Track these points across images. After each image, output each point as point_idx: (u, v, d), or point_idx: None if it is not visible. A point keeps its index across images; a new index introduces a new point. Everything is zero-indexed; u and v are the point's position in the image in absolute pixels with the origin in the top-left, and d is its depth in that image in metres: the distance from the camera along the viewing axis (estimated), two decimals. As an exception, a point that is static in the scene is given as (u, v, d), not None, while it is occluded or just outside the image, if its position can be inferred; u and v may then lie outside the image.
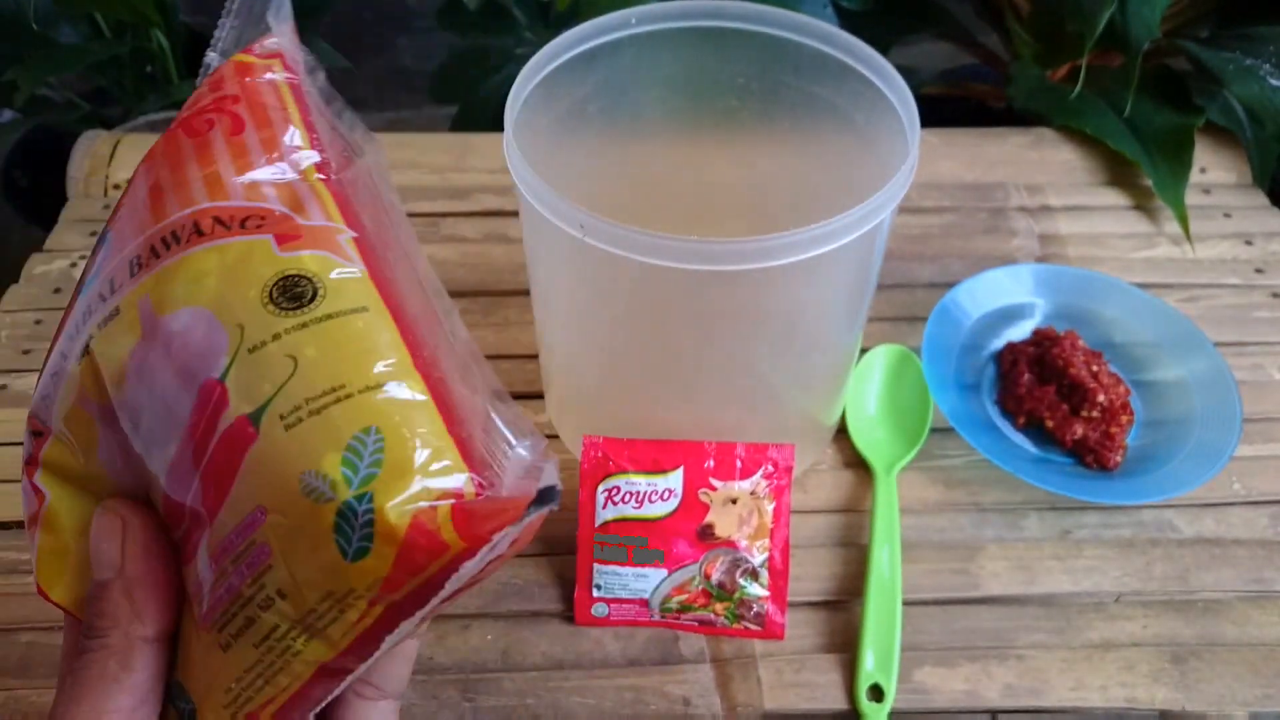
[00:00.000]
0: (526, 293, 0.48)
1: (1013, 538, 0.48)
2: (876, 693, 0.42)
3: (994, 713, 0.43)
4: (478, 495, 0.25)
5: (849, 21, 0.78)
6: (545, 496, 0.24)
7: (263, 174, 0.30)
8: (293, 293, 0.27)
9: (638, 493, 0.43)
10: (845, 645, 0.44)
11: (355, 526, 0.24)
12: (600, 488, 0.43)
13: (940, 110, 0.91)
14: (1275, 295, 0.61)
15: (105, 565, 0.27)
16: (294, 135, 0.31)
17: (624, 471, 0.43)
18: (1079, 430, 0.50)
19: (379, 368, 0.26)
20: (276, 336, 0.26)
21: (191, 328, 0.26)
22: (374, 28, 1.29)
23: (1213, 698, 0.42)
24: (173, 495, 0.27)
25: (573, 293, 0.43)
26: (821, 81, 0.45)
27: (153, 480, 0.27)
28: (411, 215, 0.64)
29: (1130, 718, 0.43)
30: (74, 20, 0.87)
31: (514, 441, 0.28)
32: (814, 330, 0.43)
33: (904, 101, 0.41)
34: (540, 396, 0.54)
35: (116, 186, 0.65)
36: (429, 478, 0.25)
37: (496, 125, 0.40)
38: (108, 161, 0.66)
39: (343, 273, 0.28)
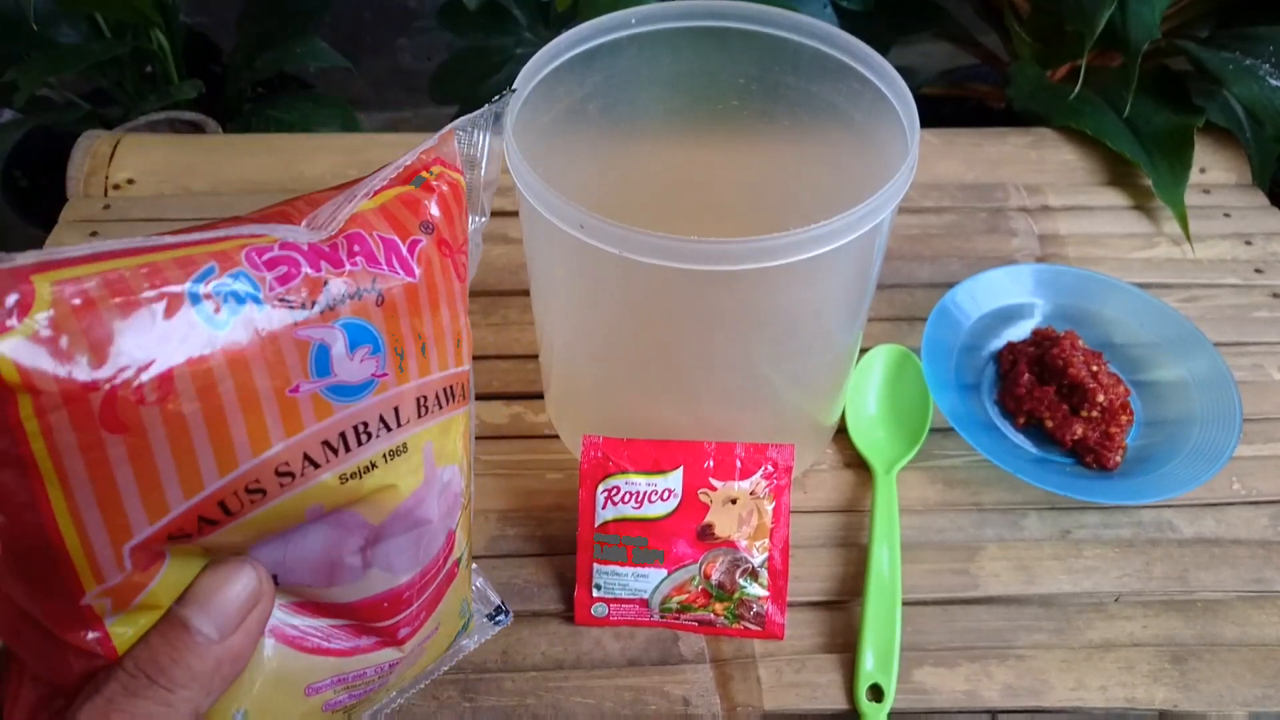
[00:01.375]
0: (526, 293, 0.49)
1: (1013, 538, 0.48)
2: (876, 693, 0.42)
3: (994, 713, 0.43)
4: None
5: (849, 21, 0.78)
6: (500, 612, 0.40)
7: (467, 328, 0.31)
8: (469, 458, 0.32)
9: (637, 493, 0.43)
10: (845, 645, 0.44)
11: (464, 630, 0.35)
12: (600, 488, 0.43)
13: (940, 110, 0.92)
14: (1275, 295, 0.61)
15: (217, 621, 0.24)
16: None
17: (624, 471, 0.43)
18: (1079, 430, 0.50)
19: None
20: (471, 495, 0.33)
21: (453, 484, 0.30)
22: (374, 28, 1.29)
23: (1212, 698, 0.43)
24: (376, 611, 0.29)
25: (572, 293, 0.43)
26: (821, 81, 0.45)
27: (322, 582, 0.27)
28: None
29: (1130, 718, 0.43)
30: (74, 20, 0.87)
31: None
32: (814, 330, 0.43)
33: (904, 101, 0.41)
34: (540, 396, 0.54)
35: (116, 187, 0.65)
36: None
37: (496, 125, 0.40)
38: (108, 161, 0.66)
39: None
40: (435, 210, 0.28)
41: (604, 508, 0.43)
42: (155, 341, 0.21)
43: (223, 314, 0.23)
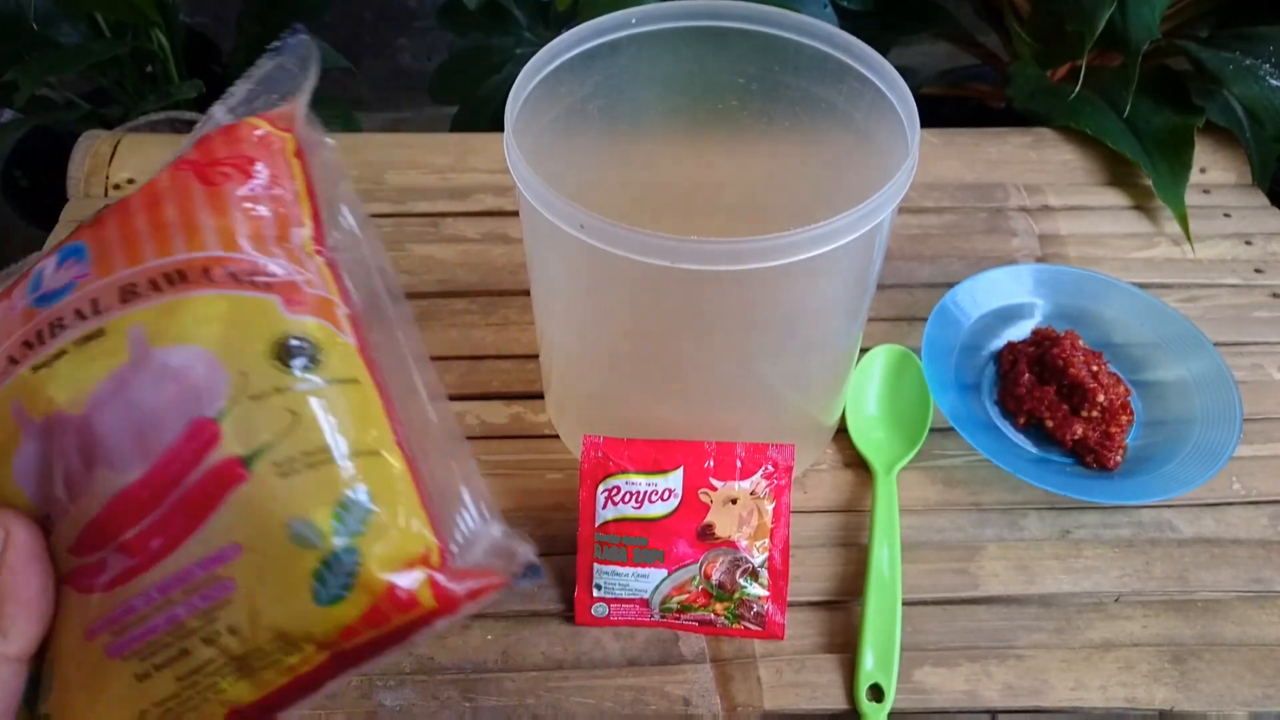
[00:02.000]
0: (526, 293, 0.49)
1: (1013, 538, 0.48)
2: (876, 693, 0.42)
3: (994, 713, 0.43)
4: (442, 564, 0.29)
5: (849, 21, 0.78)
6: (531, 571, 0.29)
7: (270, 237, 0.31)
8: (296, 353, 0.29)
9: (638, 493, 0.43)
10: (845, 645, 0.44)
11: (336, 575, 0.26)
12: (600, 488, 0.43)
13: (940, 110, 0.92)
14: (1275, 295, 0.61)
15: None
16: (300, 207, 0.33)
17: (624, 471, 0.43)
18: (1079, 430, 0.50)
19: (369, 436, 0.29)
20: (279, 390, 0.28)
21: (190, 365, 0.27)
22: (374, 28, 1.29)
23: (1212, 697, 0.43)
24: (113, 520, 0.26)
25: (572, 293, 0.43)
26: (821, 81, 0.45)
27: (76, 501, 0.26)
28: (411, 215, 0.64)
29: (1130, 718, 0.43)
30: (74, 20, 0.86)
31: (487, 518, 0.32)
32: (814, 330, 0.43)
33: (904, 101, 0.41)
34: (540, 396, 0.54)
35: (117, 186, 0.65)
36: (408, 542, 0.28)
37: (496, 125, 0.40)
38: (108, 161, 0.66)
39: (339, 344, 0.30)
40: (188, 144, 0.32)
41: (604, 508, 0.43)
42: None
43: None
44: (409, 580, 0.27)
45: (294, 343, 0.29)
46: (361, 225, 0.35)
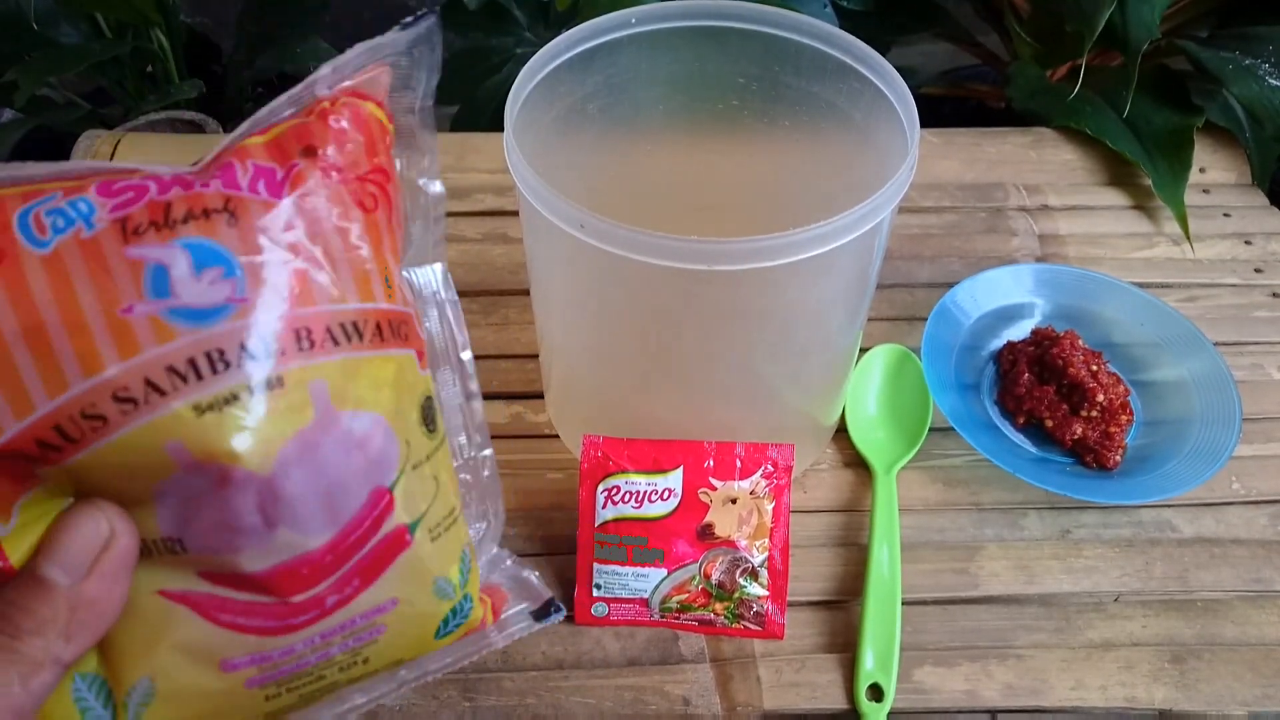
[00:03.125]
0: (526, 293, 0.49)
1: (1012, 538, 0.48)
2: (876, 692, 0.42)
3: (994, 712, 0.43)
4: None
5: (849, 21, 0.78)
6: (554, 607, 0.35)
7: (398, 273, 0.29)
8: (430, 416, 0.30)
9: (637, 492, 0.43)
10: (845, 645, 0.44)
11: (457, 618, 0.31)
12: (600, 487, 0.43)
13: (940, 110, 0.92)
14: (1275, 295, 0.61)
15: (63, 565, 0.23)
16: (399, 226, 0.31)
17: (624, 471, 0.43)
18: (1079, 430, 0.50)
19: (458, 489, 0.32)
20: (429, 457, 0.30)
21: (372, 434, 0.27)
22: (374, 28, 1.29)
23: (1212, 697, 0.43)
24: (289, 578, 0.26)
25: (572, 292, 0.43)
26: (821, 81, 0.45)
27: (238, 551, 0.25)
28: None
29: (1130, 717, 0.43)
30: (74, 20, 0.86)
31: (500, 547, 0.37)
32: (814, 330, 0.43)
33: (903, 101, 0.41)
34: (540, 396, 0.54)
35: (116, 186, 0.65)
36: (478, 577, 0.33)
37: (496, 125, 0.40)
38: (108, 161, 0.66)
39: (437, 395, 0.32)
40: (328, 136, 0.27)
41: (604, 507, 0.43)
42: None
43: (48, 234, 0.22)
44: (488, 612, 0.33)
45: (429, 406, 0.30)
46: (443, 259, 0.34)
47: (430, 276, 0.34)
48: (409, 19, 0.30)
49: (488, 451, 0.36)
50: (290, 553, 0.26)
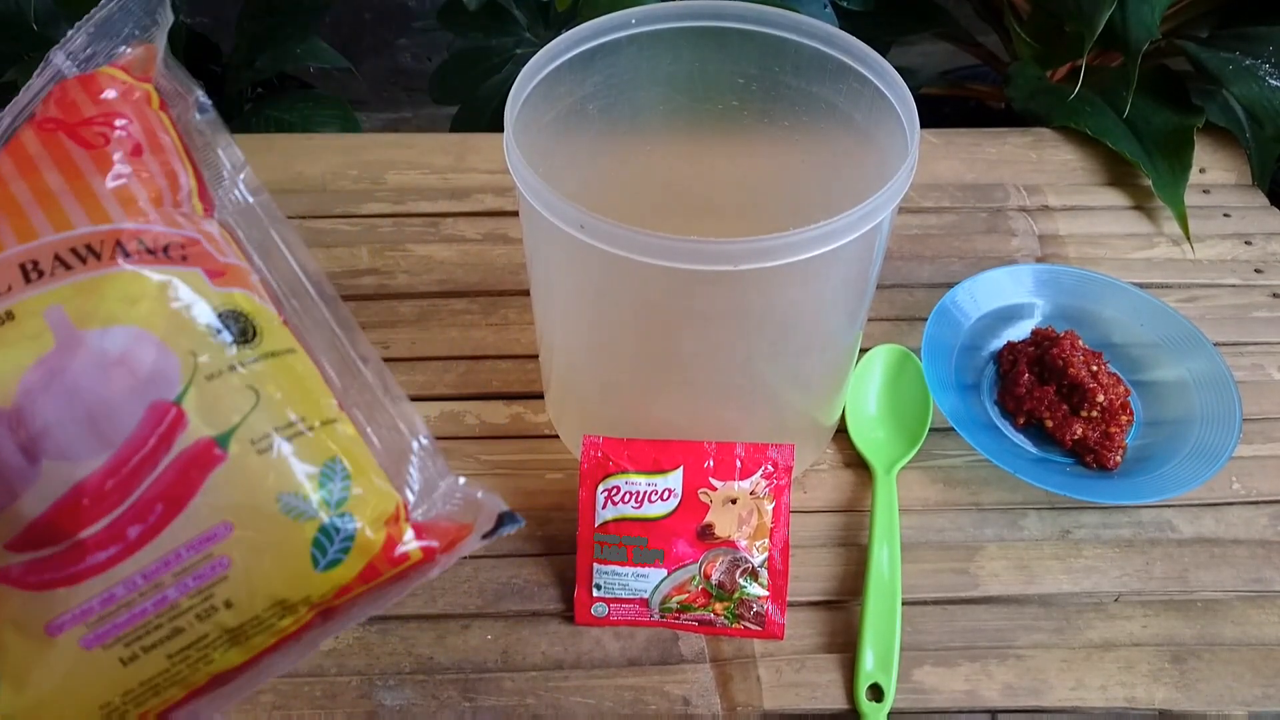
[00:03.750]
0: (526, 293, 0.49)
1: (1012, 538, 0.48)
2: (876, 692, 0.42)
3: (994, 712, 0.43)
4: (407, 516, 0.30)
5: (849, 21, 0.78)
6: (508, 519, 0.31)
7: (168, 200, 0.29)
8: (237, 328, 0.28)
9: (637, 492, 0.43)
10: (845, 645, 0.44)
11: (335, 541, 0.28)
12: (600, 488, 0.43)
13: (940, 110, 0.92)
14: (1275, 295, 0.61)
15: None
16: (181, 164, 0.31)
17: (624, 471, 0.43)
18: (1079, 430, 0.50)
19: (323, 404, 0.29)
20: (233, 368, 0.28)
21: (134, 348, 0.26)
22: (374, 28, 1.29)
23: (1212, 697, 0.43)
24: (73, 512, 0.25)
25: (572, 293, 0.43)
26: (821, 81, 0.45)
27: (15, 498, 0.25)
28: (411, 215, 0.64)
29: (1130, 717, 0.43)
30: (74, 20, 0.86)
31: (441, 469, 0.32)
32: (814, 330, 0.43)
33: (903, 101, 0.41)
34: (540, 396, 0.54)
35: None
36: (382, 501, 0.29)
37: (496, 125, 0.40)
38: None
39: (265, 314, 0.30)
40: (48, 103, 0.29)
41: (604, 508, 0.43)
42: None
43: None
44: (399, 537, 0.29)
45: (234, 317, 0.29)
46: (255, 194, 0.33)
47: (242, 193, 0.33)
48: None
49: (369, 366, 0.33)
50: (64, 485, 0.25)
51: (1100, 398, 0.49)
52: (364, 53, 1.30)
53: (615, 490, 0.43)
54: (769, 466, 0.44)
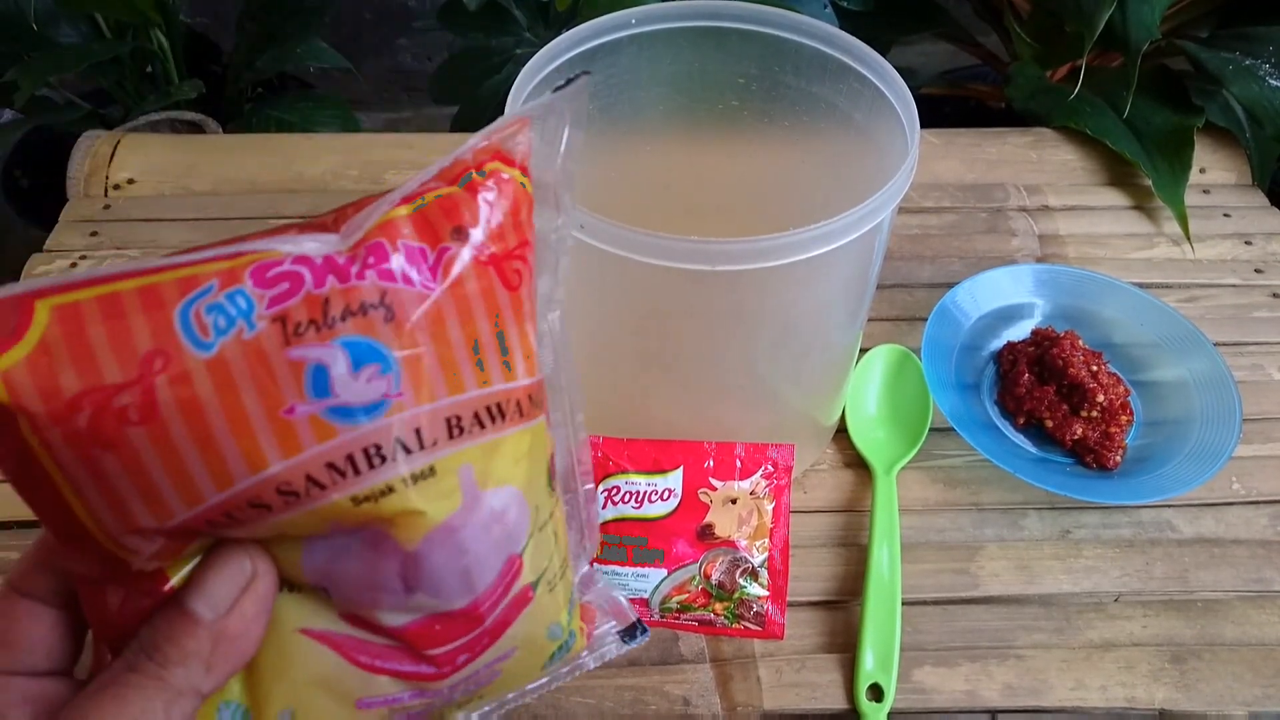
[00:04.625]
0: (526, 293, 0.48)
1: (1013, 538, 0.48)
2: (876, 692, 0.42)
3: (994, 713, 0.43)
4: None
5: (849, 21, 0.78)
6: (640, 630, 0.35)
7: (532, 339, 0.29)
8: (553, 474, 0.31)
9: (637, 492, 0.43)
10: (845, 645, 0.44)
11: (563, 652, 0.32)
12: (600, 488, 0.43)
13: (940, 110, 0.92)
14: (1275, 295, 0.61)
15: (209, 603, 0.25)
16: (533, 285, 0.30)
17: (624, 471, 0.43)
18: (1079, 430, 0.50)
19: (567, 543, 0.33)
20: (551, 516, 0.31)
21: (509, 507, 0.28)
22: (374, 28, 1.29)
23: (1212, 697, 0.43)
24: (423, 635, 0.28)
25: (572, 292, 0.43)
26: (821, 81, 0.45)
27: (375, 607, 0.27)
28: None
29: (1130, 717, 0.43)
30: (74, 20, 0.87)
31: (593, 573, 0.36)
32: (814, 330, 0.43)
33: (903, 101, 0.41)
34: (540, 396, 0.54)
35: (116, 187, 0.65)
36: (579, 605, 0.34)
37: (496, 125, 0.40)
38: (108, 161, 0.66)
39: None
40: (478, 214, 0.27)
41: (604, 508, 0.43)
42: (138, 364, 0.22)
43: (210, 335, 0.23)
44: (580, 643, 0.33)
45: (551, 464, 0.31)
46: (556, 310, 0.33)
47: (549, 324, 0.33)
48: (562, 82, 0.30)
49: (589, 486, 0.36)
50: (424, 614, 0.27)
51: (1100, 398, 0.49)
52: (364, 53, 1.30)
53: (615, 490, 0.43)
54: (769, 466, 0.44)
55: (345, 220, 0.26)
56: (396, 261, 0.25)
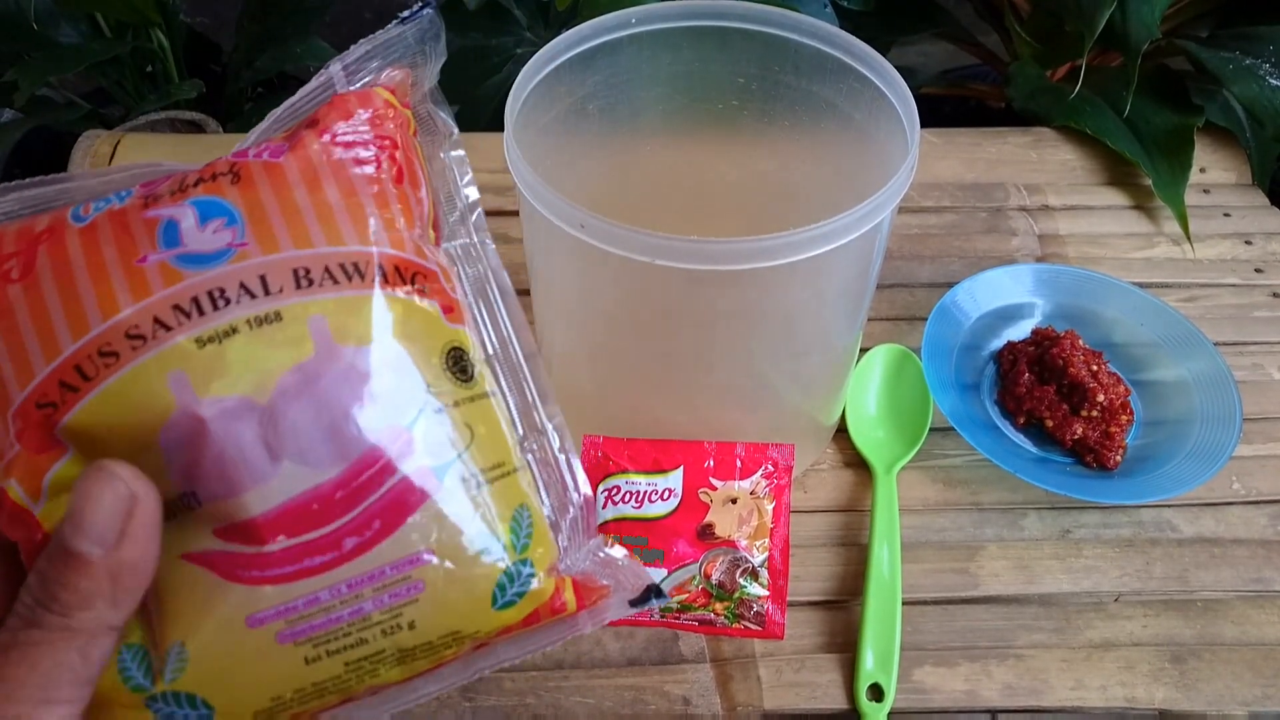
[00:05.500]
0: (526, 293, 0.49)
1: (1013, 537, 0.48)
2: (876, 692, 0.42)
3: (994, 712, 0.43)
4: (559, 569, 0.31)
5: (849, 21, 0.78)
6: (655, 593, 0.32)
7: (417, 231, 0.30)
8: (460, 366, 0.30)
9: (637, 492, 0.43)
10: (845, 645, 0.44)
11: (514, 584, 0.29)
12: (600, 488, 0.43)
13: (940, 110, 0.92)
14: (1275, 295, 0.61)
15: (94, 537, 0.23)
16: (427, 194, 0.32)
17: (624, 471, 0.43)
18: (1079, 430, 0.50)
19: (514, 453, 0.31)
20: (456, 404, 0.29)
21: (382, 370, 0.28)
22: (374, 28, 1.29)
23: (1212, 697, 0.43)
24: (300, 515, 0.26)
25: (572, 293, 0.43)
26: (821, 81, 0.45)
27: (243, 489, 0.26)
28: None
29: (1130, 717, 0.43)
30: (74, 20, 0.87)
31: (590, 533, 0.34)
32: (814, 330, 0.43)
33: (903, 101, 0.41)
34: (540, 396, 0.54)
35: (116, 186, 0.65)
36: (549, 550, 0.31)
37: (496, 125, 0.40)
38: (108, 161, 0.66)
39: (479, 353, 0.31)
40: (334, 111, 0.30)
41: (604, 507, 0.43)
42: (30, 239, 0.27)
43: (89, 212, 0.27)
44: (564, 588, 0.31)
45: (458, 355, 0.30)
46: (480, 234, 0.34)
47: (473, 229, 0.34)
48: (406, 13, 0.32)
49: (554, 422, 0.34)
50: (298, 487, 0.26)
51: (1100, 397, 0.49)
52: (364, 53, 1.30)
53: (615, 490, 0.43)
54: (769, 466, 0.44)
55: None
56: (254, 152, 0.29)
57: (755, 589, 0.43)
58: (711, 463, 0.43)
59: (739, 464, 0.43)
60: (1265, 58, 0.67)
